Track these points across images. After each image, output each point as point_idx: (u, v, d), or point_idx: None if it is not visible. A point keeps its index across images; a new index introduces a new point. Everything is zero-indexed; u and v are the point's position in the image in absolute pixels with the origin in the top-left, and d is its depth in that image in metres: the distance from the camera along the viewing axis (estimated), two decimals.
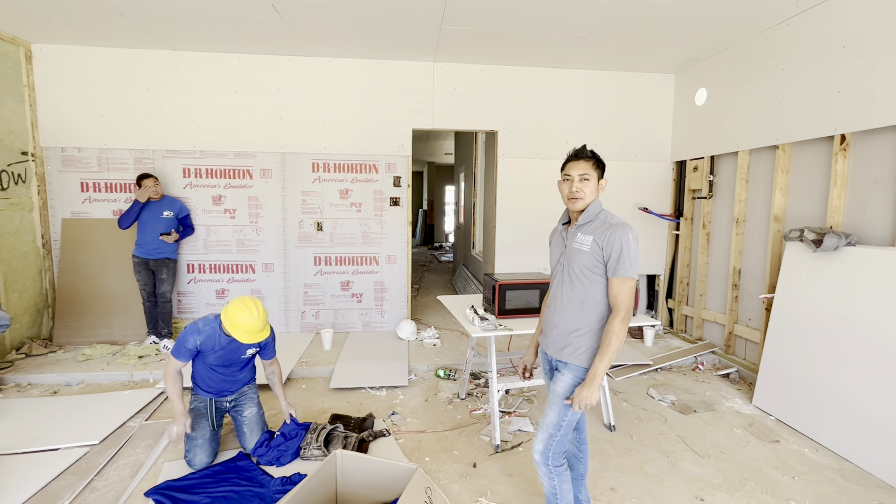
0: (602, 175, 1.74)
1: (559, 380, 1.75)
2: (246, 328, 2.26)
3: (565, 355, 1.74)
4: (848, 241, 2.79)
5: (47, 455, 2.48)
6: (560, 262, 1.81)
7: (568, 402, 1.69)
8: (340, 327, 4.68)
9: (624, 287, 1.63)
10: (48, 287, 4.27)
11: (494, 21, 3.50)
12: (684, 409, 3.18)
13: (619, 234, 1.63)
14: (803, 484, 2.37)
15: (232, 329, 2.28)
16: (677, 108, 4.74)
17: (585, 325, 1.71)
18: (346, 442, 2.52)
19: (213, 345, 2.36)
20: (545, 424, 1.74)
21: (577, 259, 1.71)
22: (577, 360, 1.71)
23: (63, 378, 3.50)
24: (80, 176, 4.27)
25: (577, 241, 1.72)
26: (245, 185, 4.45)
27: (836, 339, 2.76)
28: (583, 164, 1.71)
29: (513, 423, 2.93)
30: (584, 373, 1.71)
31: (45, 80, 4.15)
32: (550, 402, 1.76)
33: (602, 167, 1.74)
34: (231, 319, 2.26)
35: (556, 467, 1.73)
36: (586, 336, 1.71)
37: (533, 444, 1.78)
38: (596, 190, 1.72)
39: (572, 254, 1.74)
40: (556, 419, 1.72)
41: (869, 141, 2.88)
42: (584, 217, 1.73)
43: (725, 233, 4.12)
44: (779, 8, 3.19)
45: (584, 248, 1.69)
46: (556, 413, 1.72)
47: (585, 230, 1.71)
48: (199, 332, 2.33)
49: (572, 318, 1.73)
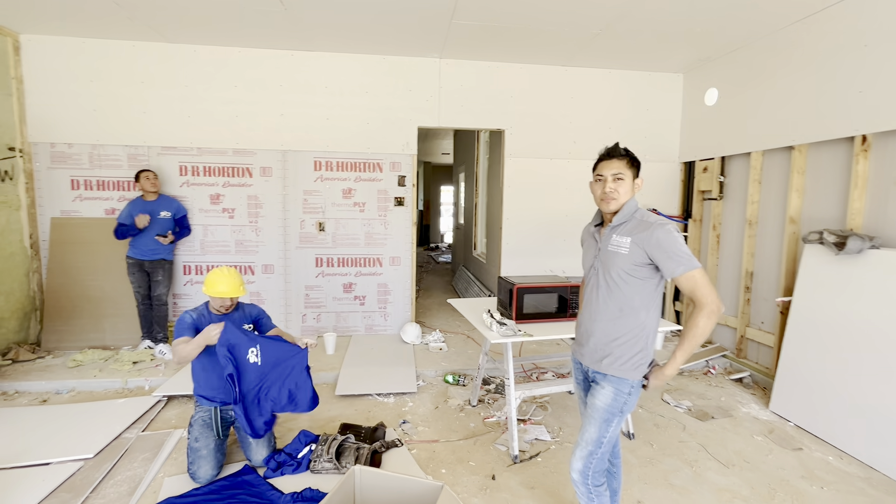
0: (637, 174, 1.65)
1: (599, 394, 1.64)
2: (213, 282, 2.34)
3: (605, 366, 1.63)
4: (872, 244, 2.73)
5: (37, 470, 2.32)
6: (594, 267, 1.70)
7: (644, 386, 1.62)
8: (342, 331, 4.54)
9: (696, 281, 1.49)
10: (36, 289, 4.07)
11: (507, 16, 3.40)
12: (701, 416, 3.10)
13: (662, 232, 1.52)
14: (833, 494, 2.30)
15: (207, 289, 2.34)
16: (686, 108, 4.69)
17: (625, 334, 1.60)
18: (359, 454, 2.40)
19: (204, 323, 2.39)
20: (584, 441, 1.63)
21: (614, 262, 1.60)
22: (618, 372, 1.61)
23: (52, 385, 3.33)
24: (70, 173, 4.08)
25: (612, 244, 1.62)
26: (244, 184, 4.29)
27: (860, 343, 2.70)
28: (616, 163, 1.62)
29: (529, 432, 2.82)
30: (626, 385, 1.61)
31: (34, 72, 3.96)
32: (589, 417, 1.65)
33: (637, 165, 1.65)
34: (206, 283, 2.37)
35: (596, 487, 1.62)
36: (627, 345, 1.60)
37: (571, 462, 1.67)
38: (631, 189, 1.63)
39: (608, 257, 1.63)
40: (597, 436, 1.61)
41: (891, 141, 2.82)
42: (619, 217, 1.63)
43: (737, 235, 4.06)
44: (797, 5, 3.13)
45: (621, 251, 1.58)
46: (595, 429, 1.62)
47: (621, 231, 1.61)
48: (191, 312, 2.41)
49: (610, 326, 1.62)
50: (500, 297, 2.89)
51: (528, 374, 3.74)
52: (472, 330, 4.73)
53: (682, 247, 1.51)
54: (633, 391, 1.62)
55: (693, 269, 1.50)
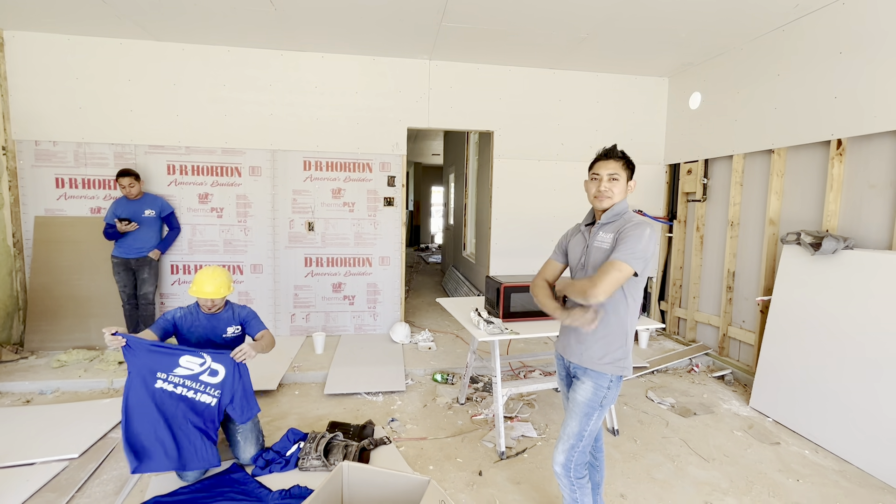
0: (631, 176, 1.69)
1: (579, 388, 1.69)
2: (200, 282, 2.33)
3: (585, 361, 1.68)
4: (846, 245, 2.82)
5: (22, 470, 2.30)
6: (580, 262, 1.75)
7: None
8: (332, 330, 4.55)
9: (609, 268, 1.52)
10: (19, 289, 4.01)
11: (496, 19, 3.45)
12: (684, 412, 3.17)
13: (633, 228, 1.57)
14: (808, 487, 2.38)
15: (193, 290, 2.34)
16: (671, 111, 4.78)
17: (604, 329, 1.64)
18: (347, 451, 2.42)
19: (192, 321, 2.42)
20: (566, 435, 1.68)
21: (597, 258, 1.65)
22: (597, 367, 1.65)
23: (36, 386, 3.29)
24: (55, 171, 4.03)
25: (598, 240, 1.67)
26: (233, 183, 4.28)
27: (833, 340, 2.79)
28: (612, 164, 1.66)
29: (516, 429, 2.86)
30: (605, 380, 1.65)
31: (18, 68, 3.90)
32: (570, 412, 1.70)
33: (632, 168, 1.70)
34: (193, 283, 2.37)
35: (578, 479, 1.67)
36: (605, 340, 1.64)
37: (553, 456, 1.72)
38: (625, 190, 1.67)
39: (593, 253, 1.68)
40: (578, 429, 1.66)
41: (865, 146, 2.92)
42: (608, 216, 1.67)
43: (719, 235, 4.16)
44: (778, 13, 3.23)
45: (604, 247, 1.64)
46: (577, 423, 1.66)
47: (608, 229, 1.66)
48: (180, 308, 2.45)
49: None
50: (488, 296, 2.93)
51: (515, 372, 3.79)
52: (461, 329, 4.76)
53: (640, 246, 1.53)
54: (613, 385, 1.66)
55: (621, 261, 1.52)
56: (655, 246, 1.63)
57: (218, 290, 2.35)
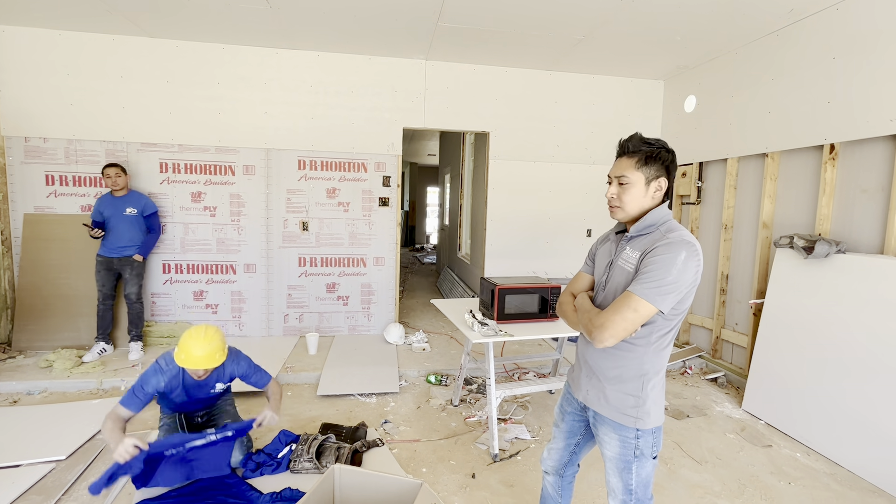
0: (657, 175, 1.30)
1: (606, 444, 1.39)
2: (188, 348, 2.04)
3: (603, 408, 1.37)
4: (838, 249, 2.84)
5: (7, 472, 2.26)
6: (602, 281, 1.41)
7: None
8: (325, 331, 4.52)
9: (622, 306, 1.22)
10: (7, 287, 3.95)
11: (492, 20, 3.44)
12: (677, 415, 3.18)
13: (666, 250, 1.21)
14: (799, 490, 2.39)
15: (180, 357, 2.05)
16: (666, 114, 4.80)
17: (625, 369, 1.32)
18: (339, 453, 2.40)
19: (177, 384, 2.16)
20: (611, 490, 1.44)
21: (618, 281, 1.33)
22: (621, 419, 1.33)
23: (24, 386, 3.24)
24: (45, 168, 3.98)
25: (622, 258, 1.34)
26: (227, 182, 4.24)
27: (825, 343, 2.81)
28: (623, 163, 1.31)
29: (509, 431, 2.85)
30: (633, 434, 1.33)
31: (6, 64, 3.85)
32: (606, 464, 1.44)
33: (659, 162, 1.29)
34: (179, 347, 2.07)
35: None
36: (628, 384, 1.32)
37: None
38: (642, 197, 1.30)
39: (615, 273, 1.35)
40: (622, 485, 1.39)
41: (857, 151, 2.95)
42: (638, 227, 1.32)
43: (713, 238, 4.17)
44: (772, 18, 3.25)
45: (627, 268, 1.31)
46: (618, 479, 1.40)
47: (636, 244, 1.32)
48: (163, 372, 2.12)
49: (608, 355, 1.36)
50: (483, 298, 2.92)
51: (509, 374, 3.78)
52: (456, 331, 4.75)
53: (667, 275, 1.20)
54: (643, 434, 1.34)
55: (640, 297, 1.21)
56: (695, 274, 1.22)
57: (212, 359, 2.07)
